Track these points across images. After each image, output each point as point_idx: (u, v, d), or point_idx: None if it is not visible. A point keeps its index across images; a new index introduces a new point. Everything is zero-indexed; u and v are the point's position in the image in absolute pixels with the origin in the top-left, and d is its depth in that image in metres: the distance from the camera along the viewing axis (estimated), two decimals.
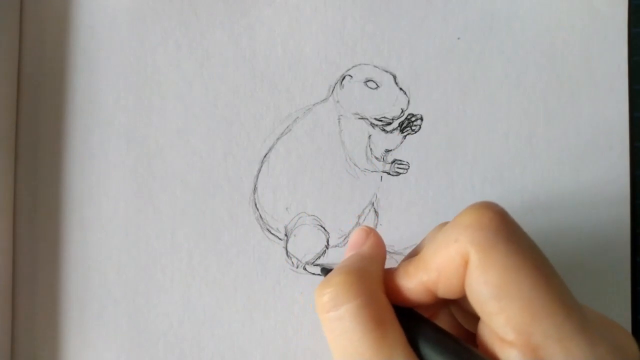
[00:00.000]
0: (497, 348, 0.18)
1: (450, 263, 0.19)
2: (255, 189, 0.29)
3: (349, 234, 0.29)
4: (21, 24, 0.30)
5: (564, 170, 0.29)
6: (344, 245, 0.29)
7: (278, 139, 0.30)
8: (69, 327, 0.29)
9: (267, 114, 0.30)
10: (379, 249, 0.23)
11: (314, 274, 0.29)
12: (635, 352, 0.18)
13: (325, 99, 0.30)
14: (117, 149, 0.30)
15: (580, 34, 0.29)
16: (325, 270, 0.28)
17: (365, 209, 0.29)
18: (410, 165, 0.29)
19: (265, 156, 0.30)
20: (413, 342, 0.19)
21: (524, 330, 0.17)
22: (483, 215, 0.19)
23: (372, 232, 0.23)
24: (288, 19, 0.30)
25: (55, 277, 0.30)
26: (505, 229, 0.18)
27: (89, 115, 0.30)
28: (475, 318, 0.20)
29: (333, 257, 0.29)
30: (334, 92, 0.30)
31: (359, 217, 0.29)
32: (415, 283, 0.20)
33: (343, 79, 0.30)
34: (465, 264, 0.18)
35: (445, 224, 0.22)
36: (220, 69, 0.30)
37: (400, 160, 0.29)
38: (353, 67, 0.30)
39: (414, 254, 0.23)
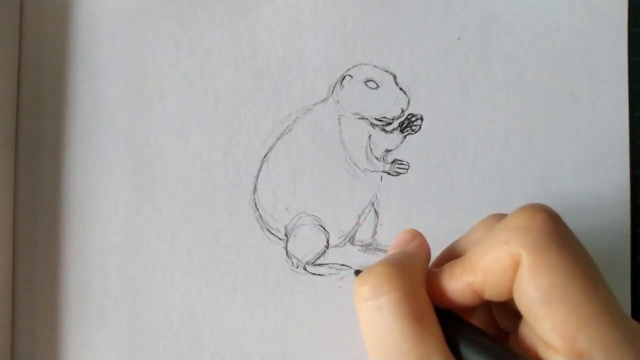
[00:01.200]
0: (541, 351, 0.18)
1: (500, 265, 0.18)
2: (255, 189, 0.30)
3: (349, 233, 0.29)
4: (21, 24, 0.30)
5: (563, 170, 0.29)
6: (344, 245, 0.29)
7: (278, 139, 0.30)
8: (69, 327, 0.29)
9: (267, 114, 0.30)
10: (424, 249, 0.23)
11: (314, 274, 0.29)
12: None
13: (325, 99, 0.30)
14: (117, 149, 0.30)
15: (580, 34, 0.29)
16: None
17: (365, 209, 0.29)
18: (410, 165, 0.29)
19: (265, 156, 0.30)
20: (451, 342, 0.19)
21: (570, 336, 0.17)
22: (535, 217, 0.18)
23: (418, 235, 0.23)
24: (288, 19, 0.30)
25: (55, 277, 0.30)
26: (558, 232, 0.18)
27: (89, 115, 0.30)
28: (514, 318, 0.20)
29: (333, 257, 0.29)
30: (334, 92, 0.30)
31: (359, 217, 0.29)
32: (461, 285, 0.20)
33: (343, 79, 0.30)
34: (516, 266, 0.18)
35: (494, 217, 0.21)
36: (220, 69, 0.30)
37: (400, 160, 0.29)
38: (353, 67, 0.30)
39: (453, 252, 0.22)
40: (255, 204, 0.29)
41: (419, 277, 0.21)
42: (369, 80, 0.29)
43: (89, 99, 0.30)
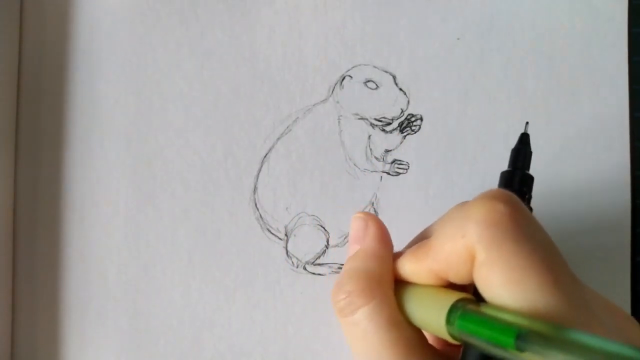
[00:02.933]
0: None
1: (459, 257, 0.19)
2: (255, 189, 0.30)
3: (349, 233, 0.29)
4: (21, 24, 0.30)
5: (564, 170, 0.29)
6: (344, 245, 0.29)
7: (278, 139, 0.30)
8: (69, 327, 0.29)
9: (267, 114, 0.30)
10: (383, 239, 0.22)
11: (314, 273, 0.29)
12: (636, 334, 0.18)
13: (325, 99, 0.30)
14: (117, 149, 0.30)
15: (580, 34, 0.29)
16: None
17: (365, 209, 0.29)
18: (410, 165, 0.29)
19: (265, 156, 0.30)
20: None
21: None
22: (493, 210, 0.18)
23: (370, 221, 0.23)
24: (288, 19, 0.30)
25: (55, 277, 0.30)
26: (515, 227, 0.18)
27: (89, 115, 0.30)
28: None
29: (333, 257, 0.29)
30: (334, 92, 0.30)
31: None
32: (425, 269, 0.20)
33: (343, 80, 0.30)
34: (472, 259, 0.18)
35: (462, 205, 0.21)
36: (220, 69, 0.30)
37: (400, 160, 0.29)
38: (353, 67, 0.30)
39: (425, 235, 0.22)
40: (255, 204, 0.29)
41: (387, 279, 0.21)
42: (368, 81, 0.29)
43: (89, 99, 0.30)
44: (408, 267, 0.21)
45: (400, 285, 0.21)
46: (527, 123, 0.24)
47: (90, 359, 0.29)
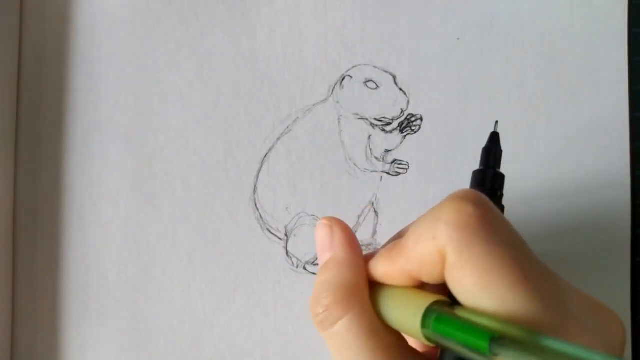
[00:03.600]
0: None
1: (431, 258, 0.19)
2: (255, 189, 0.30)
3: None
4: (21, 24, 0.30)
5: (563, 170, 0.29)
6: None
7: (278, 139, 0.30)
8: (69, 327, 0.29)
9: (267, 114, 0.30)
10: (351, 244, 0.22)
11: (314, 273, 0.29)
12: (619, 337, 0.18)
13: (325, 99, 0.30)
14: (117, 149, 0.30)
15: (580, 34, 0.29)
16: None
17: (365, 209, 0.29)
18: (410, 165, 0.29)
19: (265, 156, 0.30)
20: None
21: (499, 321, 0.17)
22: (462, 212, 0.18)
23: (335, 226, 0.23)
24: (288, 20, 0.30)
25: (55, 277, 0.30)
26: (485, 228, 0.18)
27: (89, 115, 0.30)
28: None
29: None
30: (334, 92, 0.30)
31: (359, 217, 0.29)
32: (398, 269, 0.20)
33: (343, 80, 0.30)
34: (443, 260, 0.18)
35: (434, 207, 0.21)
36: (220, 69, 0.30)
37: (400, 160, 0.29)
38: (353, 67, 0.30)
39: (400, 235, 0.22)
40: (255, 204, 0.29)
41: (362, 287, 0.21)
42: (368, 81, 0.29)
43: (89, 99, 0.30)
44: (381, 269, 0.21)
45: (375, 288, 0.21)
46: (496, 122, 0.25)
47: (90, 359, 0.29)
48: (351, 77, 0.30)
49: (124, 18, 0.30)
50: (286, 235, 0.29)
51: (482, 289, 0.17)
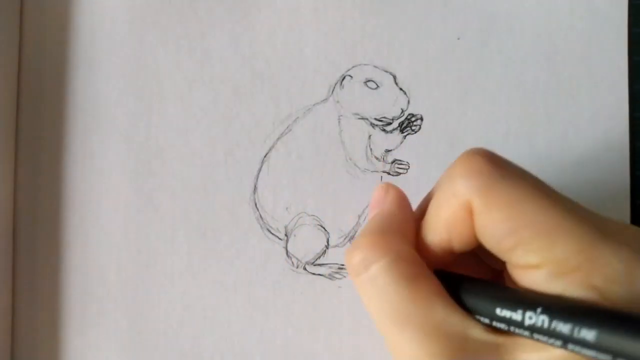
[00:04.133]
0: (526, 277, 0.18)
1: (456, 218, 0.19)
2: (255, 189, 0.30)
3: (349, 233, 0.29)
4: (21, 24, 0.30)
5: (563, 170, 0.29)
6: (344, 245, 0.29)
7: (278, 139, 0.30)
8: (69, 327, 0.29)
9: (267, 114, 0.30)
10: (401, 203, 0.22)
11: (314, 274, 0.29)
12: None
13: (325, 99, 0.30)
14: (117, 149, 0.30)
15: (580, 34, 0.29)
16: None
17: (365, 209, 0.29)
18: (410, 165, 0.29)
19: (265, 156, 0.30)
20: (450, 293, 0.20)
21: (545, 251, 0.17)
22: (473, 162, 0.19)
23: (390, 188, 0.23)
24: (288, 19, 0.30)
25: (55, 277, 0.30)
26: (498, 169, 0.18)
27: (89, 115, 0.30)
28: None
29: (333, 258, 0.29)
30: (334, 92, 0.30)
31: (359, 217, 0.29)
32: (429, 245, 0.20)
33: (343, 79, 0.30)
34: (471, 214, 0.18)
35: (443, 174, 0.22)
36: (220, 69, 0.30)
37: (400, 160, 0.29)
38: (353, 67, 0.30)
39: (420, 210, 0.23)
40: (255, 204, 0.29)
41: (403, 236, 0.21)
42: (368, 81, 0.29)
43: (89, 99, 0.30)
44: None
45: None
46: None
47: (90, 359, 0.29)
48: (351, 77, 0.30)
49: (124, 18, 0.30)
50: (286, 235, 0.29)
51: (515, 220, 0.17)
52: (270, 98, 0.30)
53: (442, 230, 0.20)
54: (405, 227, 0.21)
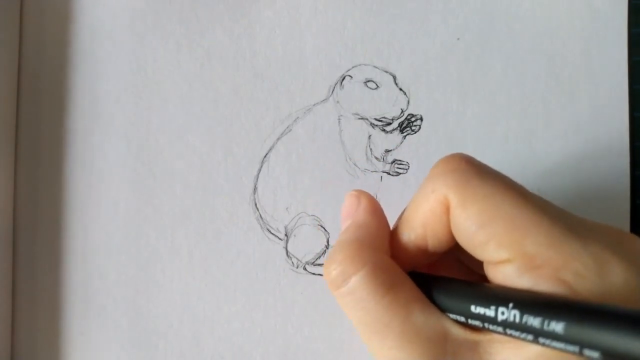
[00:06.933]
0: (499, 274, 0.18)
1: (433, 214, 0.19)
2: (255, 189, 0.30)
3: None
4: (21, 24, 0.30)
5: (563, 170, 0.29)
6: None
7: (278, 139, 0.30)
8: (69, 327, 0.30)
9: (267, 114, 0.30)
10: (374, 211, 0.22)
11: (314, 274, 0.29)
12: (636, 247, 0.18)
13: (325, 99, 0.30)
14: (117, 149, 0.30)
15: (580, 34, 0.29)
16: None
17: None
18: (410, 165, 0.29)
19: (265, 156, 0.30)
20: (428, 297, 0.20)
21: (516, 242, 0.17)
22: (451, 162, 0.20)
23: (362, 196, 0.23)
24: (288, 19, 0.30)
25: (55, 277, 0.30)
26: (474, 167, 0.19)
27: (89, 115, 0.30)
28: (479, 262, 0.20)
29: None
30: (334, 92, 0.30)
31: None
32: (404, 242, 0.21)
33: (343, 80, 0.30)
34: (447, 209, 0.19)
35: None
36: (220, 69, 0.30)
37: (400, 160, 0.29)
38: (353, 67, 0.30)
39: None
40: (255, 204, 0.29)
41: (378, 245, 0.21)
42: (368, 81, 0.29)
43: (89, 99, 0.30)
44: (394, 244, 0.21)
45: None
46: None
47: (91, 359, 0.29)
48: (351, 77, 0.30)
49: (124, 18, 0.30)
50: (286, 235, 0.29)
51: (488, 214, 0.18)
52: (270, 98, 0.30)
53: (418, 226, 0.20)
54: (380, 235, 0.21)
